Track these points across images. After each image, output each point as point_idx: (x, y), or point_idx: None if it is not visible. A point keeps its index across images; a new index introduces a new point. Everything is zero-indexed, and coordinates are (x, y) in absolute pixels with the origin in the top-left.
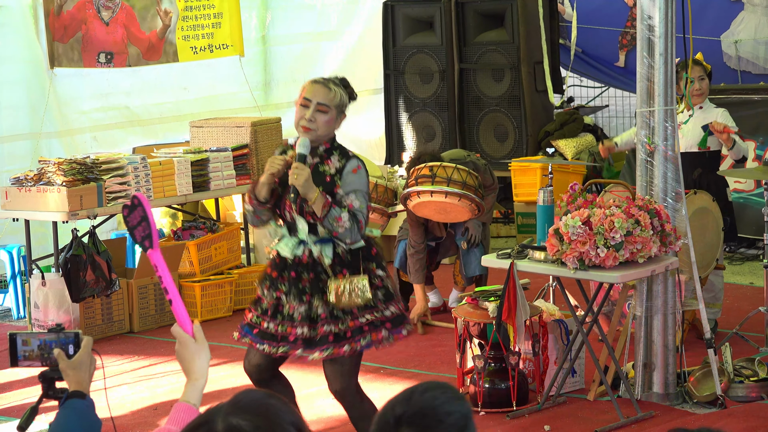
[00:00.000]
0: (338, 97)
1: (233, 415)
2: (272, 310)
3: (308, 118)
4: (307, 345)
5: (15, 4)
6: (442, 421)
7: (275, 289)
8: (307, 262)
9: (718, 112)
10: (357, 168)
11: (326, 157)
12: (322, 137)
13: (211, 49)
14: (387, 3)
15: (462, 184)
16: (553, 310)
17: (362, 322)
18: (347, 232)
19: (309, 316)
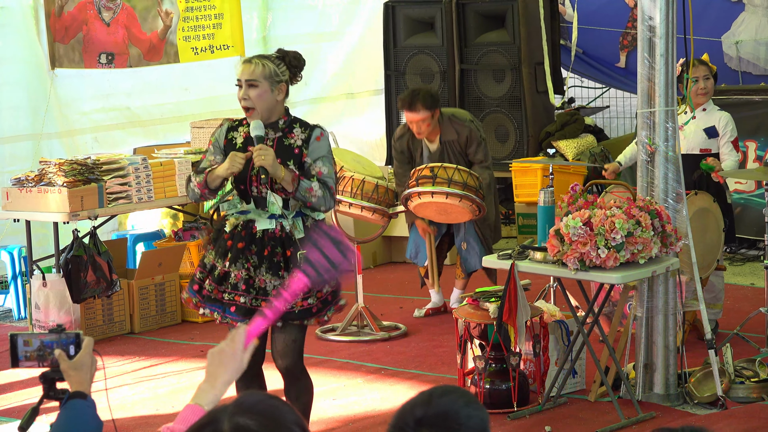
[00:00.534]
0: (260, 68)
1: (239, 415)
2: (245, 285)
3: (242, 96)
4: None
5: (16, 5)
6: (462, 425)
7: (243, 261)
8: (279, 236)
9: (719, 116)
10: (320, 135)
11: (288, 131)
12: (264, 111)
13: (212, 50)
14: (388, 3)
15: (463, 185)
16: (553, 310)
17: (325, 293)
18: (320, 200)
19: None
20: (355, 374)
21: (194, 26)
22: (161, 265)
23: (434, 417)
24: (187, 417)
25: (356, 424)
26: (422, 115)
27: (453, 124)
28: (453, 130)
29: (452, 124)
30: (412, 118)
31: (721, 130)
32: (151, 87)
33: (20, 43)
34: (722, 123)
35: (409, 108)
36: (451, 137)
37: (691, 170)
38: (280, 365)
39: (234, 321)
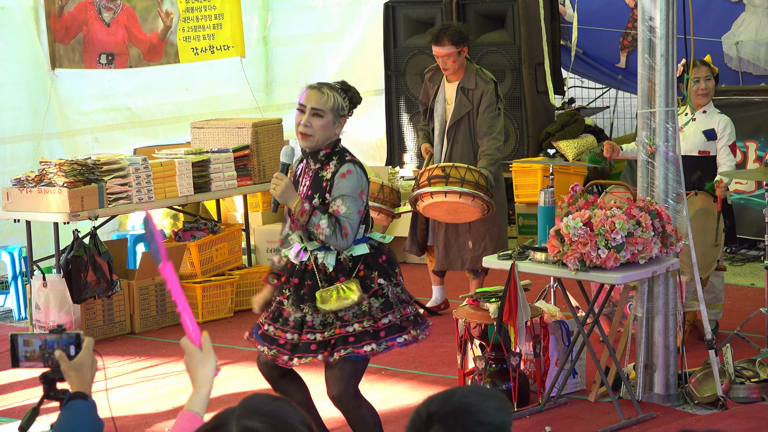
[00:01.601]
0: (332, 101)
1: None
2: (275, 314)
3: (304, 123)
4: (292, 350)
5: (16, 5)
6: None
7: (280, 293)
8: (311, 269)
9: (719, 119)
10: (347, 172)
11: (326, 162)
12: (321, 142)
13: (213, 50)
14: (388, 4)
15: (475, 184)
16: (554, 311)
17: (349, 331)
18: (329, 238)
19: (300, 323)
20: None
21: (194, 26)
22: None
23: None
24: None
25: None
26: (448, 50)
27: (478, 75)
28: (474, 79)
29: (477, 75)
30: (438, 52)
31: (719, 133)
32: (152, 87)
33: (20, 44)
34: (721, 126)
35: (436, 42)
36: (470, 86)
37: (689, 171)
38: (328, 394)
39: (257, 342)
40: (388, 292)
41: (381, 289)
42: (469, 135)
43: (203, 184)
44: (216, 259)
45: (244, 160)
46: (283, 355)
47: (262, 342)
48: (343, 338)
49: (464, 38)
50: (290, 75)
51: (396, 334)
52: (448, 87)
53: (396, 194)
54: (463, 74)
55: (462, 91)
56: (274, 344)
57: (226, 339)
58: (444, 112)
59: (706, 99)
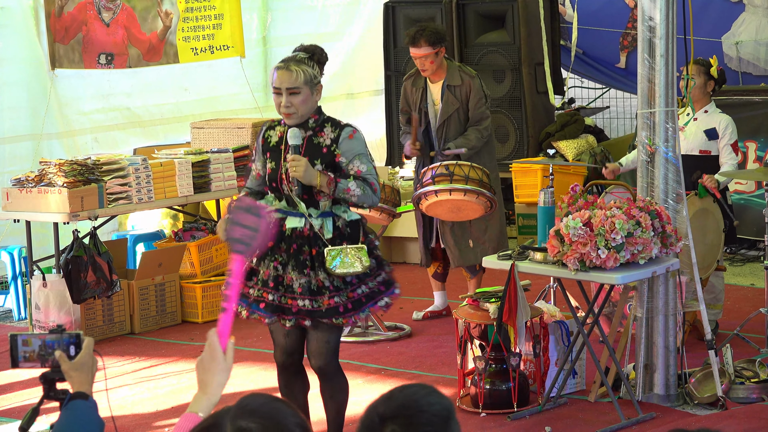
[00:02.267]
0: (302, 75)
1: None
2: (273, 282)
3: (284, 104)
4: (311, 315)
5: (16, 5)
6: (424, 411)
7: (272, 259)
8: (307, 235)
9: (720, 119)
10: (353, 133)
11: (318, 129)
12: (306, 114)
13: (212, 51)
14: (388, 4)
15: (479, 182)
16: (553, 311)
17: (359, 293)
18: (361, 198)
19: (310, 288)
20: (355, 375)
21: (194, 27)
22: (161, 265)
23: (396, 408)
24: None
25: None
26: (425, 51)
27: (461, 71)
28: (459, 76)
29: (460, 71)
30: (415, 53)
31: (721, 132)
32: (151, 87)
33: (20, 44)
34: (722, 125)
35: (413, 43)
36: (456, 83)
37: (690, 171)
38: (313, 365)
39: (262, 317)
40: (377, 252)
41: (376, 249)
42: (459, 132)
43: (203, 184)
44: (216, 259)
45: (244, 160)
46: (303, 321)
47: (270, 314)
48: (357, 301)
49: (441, 39)
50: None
51: (392, 287)
52: (433, 88)
53: (396, 194)
54: (445, 74)
55: (449, 89)
56: (287, 314)
57: None
58: (434, 114)
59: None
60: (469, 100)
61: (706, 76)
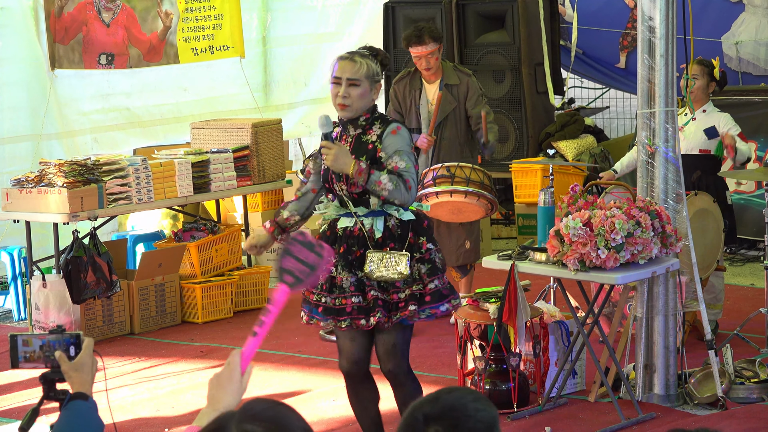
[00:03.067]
0: (365, 68)
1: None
2: (328, 284)
3: (342, 94)
4: (362, 312)
5: (16, 6)
6: (470, 416)
7: None
8: (357, 235)
9: (720, 117)
10: (396, 129)
11: (368, 127)
12: (360, 110)
13: (212, 51)
14: (388, 4)
15: (480, 183)
16: (553, 311)
17: (401, 297)
18: (393, 193)
19: (359, 286)
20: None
21: (194, 27)
22: (161, 265)
23: (442, 411)
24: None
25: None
26: (431, 48)
27: (458, 70)
28: (456, 75)
29: (456, 70)
30: (421, 51)
31: (724, 128)
32: (151, 87)
33: (20, 44)
34: (723, 122)
35: (418, 41)
36: (453, 81)
37: (690, 170)
38: (383, 369)
39: (320, 321)
40: (434, 258)
41: (429, 253)
42: (455, 131)
43: (203, 184)
44: (216, 260)
45: (244, 161)
46: (358, 320)
47: (325, 318)
48: (395, 305)
49: (441, 36)
50: (289, 75)
51: (438, 302)
52: (429, 88)
53: None
54: (441, 74)
55: (447, 89)
56: (342, 315)
57: (226, 339)
58: (429, 114)
59: (693, 96)
60: (467, 99)
61: (709, 77)
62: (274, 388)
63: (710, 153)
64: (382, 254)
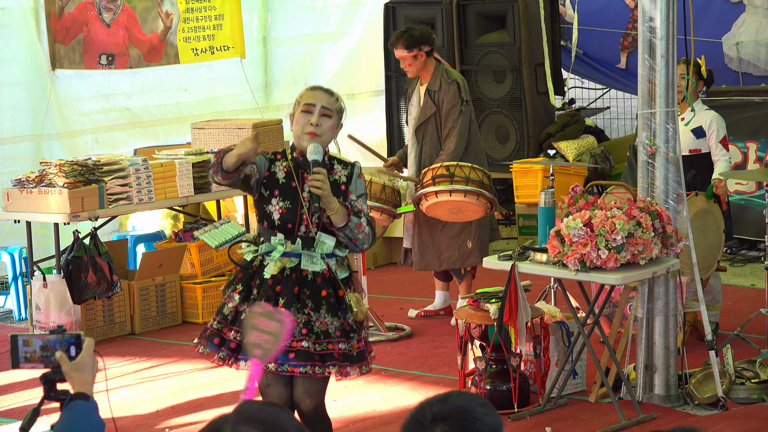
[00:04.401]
0: (339, 104)
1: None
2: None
3: (314, 122)
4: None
5: (16, 6)
6: (477, 419)
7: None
8: (329, 277)
9: (707, 116)
10: (360, 173)
11: (330, 167)
12: (326, 144)
13: (212, 51)
14: (388, 4)
15: (479, 182)
16: (554, 311)
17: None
18: (366, 237)
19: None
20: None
21: (194, 27)
22: (162, 266)
23: (450, 412)
24: None
25: (357, 425)
26: (401, 54)
27: (442, 76)
28: (439, 81)
29: (441, 76)
30: (398, 55)
31: (707, 130)
32: (151, 88)
33: (21, 44)
34: (707, 122)
35: (394, 45)
36: (435, 88)
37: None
38: (301, 407)
39: (293, 369)
40: None
41: None
42: (436, 136)
43: (204, 184)
44: (216, 260)
45: None
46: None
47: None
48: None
49: (420, 42)
50: (289, 75)
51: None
52: (422, 90)
53: (397, 194)
54: (430, 77)
55: (428, 94)
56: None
57: None
58: (417, 114)
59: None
60: (443, 106)
61: (696, 75)
62: None
63: (701, 152)
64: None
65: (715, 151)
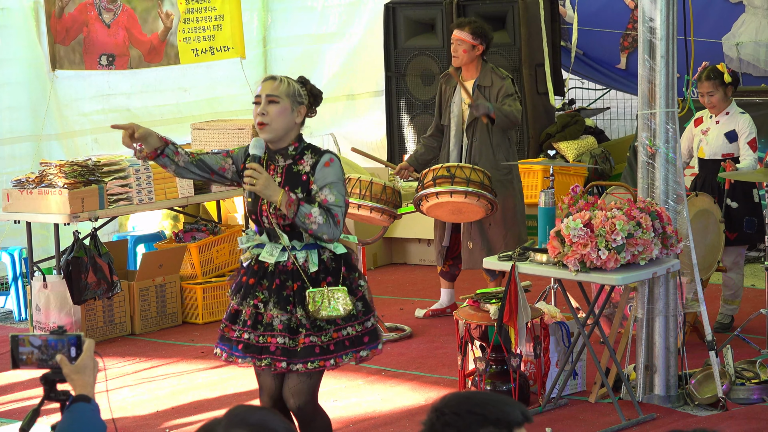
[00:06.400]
0: (286, 86)
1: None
2: (252, 320)
3: (260, 111)
4: (288, 356)
5: (16, 6)
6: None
7: (252, 297)
8: (291, 269)
9: (739, 119)
10: (330, 161)
11: (298, 157)
12: (280, 131)
13: (213, 51)
14: (388, 5)
15: (480, 184)
16: (554, 312)
17: (343, 335)
18: (321, 227)
19: (289, 326)
20: (355, 375)
21: (194, 27)
22: (162, 266)
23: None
24: None
25: (357, 425)
26: (465, 37)
27: (493, 72)
28: (490, 77)
29: (492, 72)
30: (456, 36)
31: (739, 132)
32: (151, 88)
33: (21, 45)
34: (741, 125)
35: (459, 26)
36: (486, 83)
37: (715, 175)
38: (290, 405)
39: (238, 359)
40: (366, 295)
41: (361, 291)
42: (486, 132)
43: (203, 185)
44: (216, 261)
45: None
46: (279, 363)
47: (244, 355)
48: (341, 343)
49: (484, 35)
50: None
51: (376, 341)
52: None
53: (398, 195)
54: (477, 73)
55: (479, 89)
56: (264, 353)
57: None
58: (461, 112)
59: (715, 110)
60: (498, 98)
61: (723, 86)
62: None
63: (734, 156)
64: (322, 291)
65: (743, 152)
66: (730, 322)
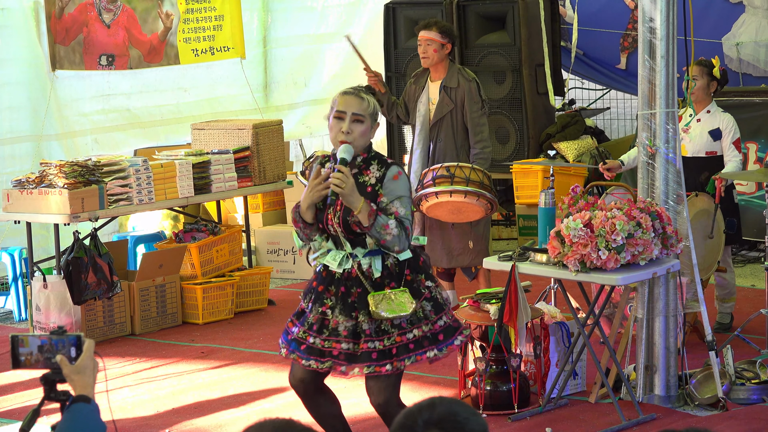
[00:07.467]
0: (371, 106)
1: None
2: (318, 325)
3: (345, 130)
4: (349, 360)
5: (17, 6)
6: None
7: (320, 303)
8: (356, 276)
9: (723, 118)
10: (398, 174)
11: (365, 167)
12: (359, 148)
13: (213, 52)
14: (388, 5)
15: (479, 183)
16: (554, 312)
17: (409, 338)
18: (395, 239)
19: (354, 332)
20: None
21: (194, 28)
22: (162, 266)
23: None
24: None
25: (357, 425)
26: (433, 36)
27: (460, 74)
28: (457, 78)
29: (459, 73)
30: (423, 36)
31: (723, 132)
32: (151, 88)
33: (21, 45)
34: (724, 124)
35: (426, 26)
36: (453, 84)
37: (697, 173)
38: (373, 404)
39: (300, 358)
40: (435, 294)
41: (429, 291)
42: (451, 133)
43: (204, 185)
44: (216, 261)
45: (245, 162)
46: (339, 366)
47: (307, 357)
48: (404, 346)
49: (450, 34)
50: (289, 76)
51: (452, 337)
52: (432, 87)
53: None
54: (445, 74)
55: (444, 90)
56: (326, 357)
57: (227, 340)
58: (427, 111)
59: (694, 97)
60: (465, 105)
61: (709, 77)
62: (276, 389)
63: (717, 154)
64: (383, 293)
65: (727, 152)
66: (730, 322)
